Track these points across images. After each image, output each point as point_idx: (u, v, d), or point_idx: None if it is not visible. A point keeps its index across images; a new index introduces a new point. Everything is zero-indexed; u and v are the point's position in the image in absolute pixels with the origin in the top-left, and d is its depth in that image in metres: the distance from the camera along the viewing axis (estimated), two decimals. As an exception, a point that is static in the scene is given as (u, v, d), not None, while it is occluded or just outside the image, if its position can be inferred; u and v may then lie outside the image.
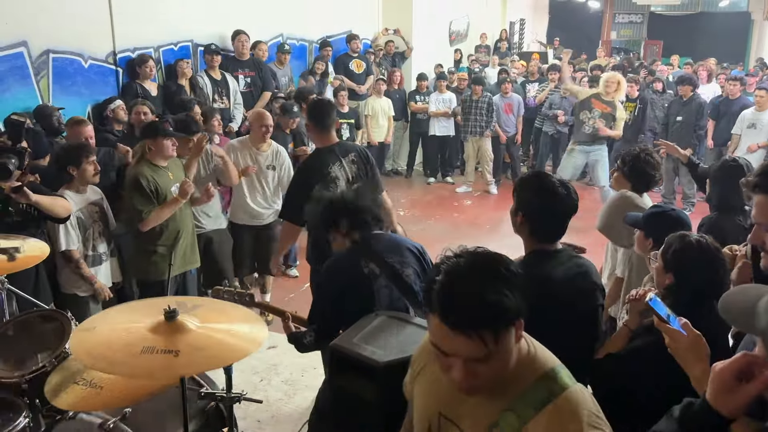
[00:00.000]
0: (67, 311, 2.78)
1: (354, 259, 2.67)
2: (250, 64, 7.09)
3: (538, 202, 2.21)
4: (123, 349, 1.90)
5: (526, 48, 16.43)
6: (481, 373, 1.33)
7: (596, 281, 2.32)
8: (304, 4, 8.49)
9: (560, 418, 1.35)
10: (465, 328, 1.28)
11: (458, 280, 1.31)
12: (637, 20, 21.19)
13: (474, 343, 1.28)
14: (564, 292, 2.14)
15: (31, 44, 5.04)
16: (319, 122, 3.73)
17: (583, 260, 2.34)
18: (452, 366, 1.33)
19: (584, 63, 13.07)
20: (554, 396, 1.37)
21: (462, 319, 1.28)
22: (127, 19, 5.84)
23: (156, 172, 3.93)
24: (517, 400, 1.38)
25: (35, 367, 2.49)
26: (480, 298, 1.28)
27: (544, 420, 1.35)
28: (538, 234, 2.24)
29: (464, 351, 1.30)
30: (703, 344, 1.62)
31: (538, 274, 2.14)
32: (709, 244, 2.16)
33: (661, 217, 2.60)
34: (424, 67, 10.41)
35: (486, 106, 8.90)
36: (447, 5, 11.88)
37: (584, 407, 1.37)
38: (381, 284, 2.61)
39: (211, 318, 2.12)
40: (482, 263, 1.35)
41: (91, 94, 5.58)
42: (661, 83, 9.26)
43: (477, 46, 13.41)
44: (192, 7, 6.61)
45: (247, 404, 2.53)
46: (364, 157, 3.84)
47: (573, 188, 2.26)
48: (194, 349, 1.91)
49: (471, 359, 1.31)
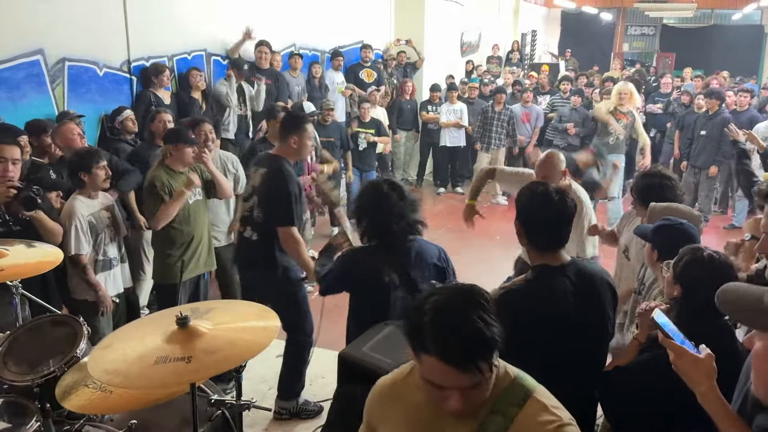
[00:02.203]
0: (79, 316, 2.81)
1: (376, 264, 2.68)
2: (268, 73, 7.17)
3: (533, 209, 2.25)
4: (137, 361, 1.91)
5: (538, 59, 16.44)
6: (474, 398, 1.42)
7: (604, 291, 2.28)
8: (316, 15, 8.56)
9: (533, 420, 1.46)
10: (467, 365, 1.35)
11: (448, 318, 1.38)
12: (650, 32, 21.16)
13: (472, 375, 1.37)
14: (569, 310, 2.13)
15: (47, 52, 5.11)
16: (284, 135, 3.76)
17: (591, 269, 2.33)
18: (448, 397, 1.40)
19: (597, 75, 13.05)
20: (521, 405, 1.48)
21: (464, 357, 1.35)
22: (141, 27, 5.91)
23: (172, 177, 4.00)
24: (491, 415, 1.47)
25: (47, 371, 2.52)
26: (478, 332, 1.36)
27: (517, 427, 1.45)
28: (535, 241, 2.26)
29: (463, 383, 1.38)
30: (712, 365, 1.62)
31: (542, 294, 2.15)
32: (722, 260, 2.15)
33: (669, 230, 2.59)
34: (435, 78, 10.45)
35: (507, 119, 8.93)
36: (459, 16, 11.93)
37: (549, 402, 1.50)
38: (398, 295, 2.63)
39: (224, 319, 2.14)
40: (463, 298, 1.42)
41: (105, 102, 5.64)
42: (689, 96, 9.15)
43: (489, 57, 13.45)
44: (205, 16, 6.69)
45: (255, 412, 2.54)
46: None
47: (568, 196, 2.27)
48: (206, 353, 1.92)
49: (468, 388, 1.39)
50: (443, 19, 11.11)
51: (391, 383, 1.67)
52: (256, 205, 3.67)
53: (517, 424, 1.45)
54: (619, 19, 20.50)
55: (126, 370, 1.89)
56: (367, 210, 2.72)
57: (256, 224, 3.69)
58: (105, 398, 2.25)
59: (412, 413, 1.56)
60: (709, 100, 8.03)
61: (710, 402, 1.58)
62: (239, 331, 2.07)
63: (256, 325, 2.11)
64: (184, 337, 1.98)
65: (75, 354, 2.56)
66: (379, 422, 1.66)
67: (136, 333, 2.16)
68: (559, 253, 2.25)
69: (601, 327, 2.25)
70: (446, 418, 1.47)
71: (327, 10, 8.77)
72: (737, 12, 18.88)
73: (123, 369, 1.89)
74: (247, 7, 7.20)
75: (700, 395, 1.61)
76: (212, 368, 1.91)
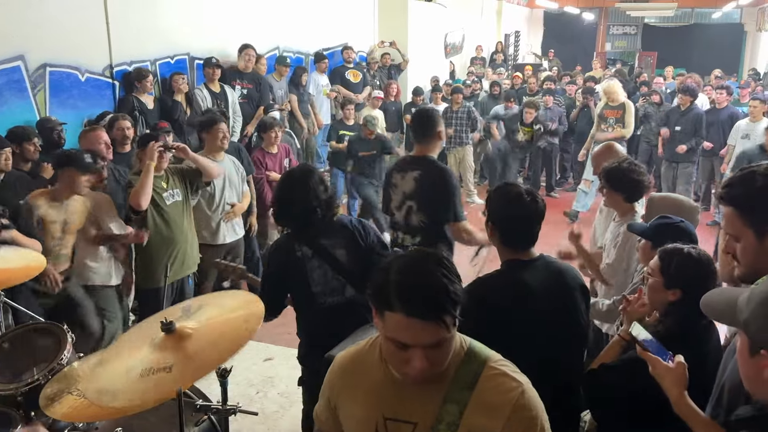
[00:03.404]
0: (63, 324, 2.79)
1: (289, 243, 2.78)
2: (249, 76, 7.15)
3: (504, 209, 2.31)
4: (124, 375, 1.90)
5: (521, 60, 16.54)
6: (436, 359, 1.43)
7: (573, 283, 2.32)
8: (300, 18, 8.56)
9: (494, 388, 1.48)
10: (432, 316, 1.36)
11: (413, 274, 1.41)
12: (632, 32, 21.36)
13: (438, 329, 1.38)
14: (540, 299, 2.17)
15: (28, 58, 5.07)
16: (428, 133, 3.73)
17: (559, 265, 2.37)
18: (411, 357, 1.40)
19: (579, 74, 13.16)
20: (479, 373, 1.50)
21: (429, 308, 1.36)
22: (123, 32, 5.87)
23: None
24: (452, 387, 1.49)
25: (31, 379, 2.50)
26: (442, 286, 1.38)
27: (479, 397, 1.47)
28: (508, 241, 2.32)
29: (428, 338, 1.38)
30: (683, 374, 1.75)
31: (514, 283, 2.21)
32: (705, 254, 2.18)
33: (671, 228, 2.55)
34: (419, 79, 10.47)
35: (466, 115, 8.94)
36: (442, 18, 11.98)
37: (508, 368, 1.53)
38: (314, 265, 2.74)
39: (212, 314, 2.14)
40: (426, 258, 1.46)
41: (87, 107, 5.61)
42: (659, 96, 9.30)
43: (472, 58, 13.51)
44: (188, 20, 6.66)
45: (242, 417, 2.53)
46: None
47: (539, 196, 2.33)
48: (188, 359, 1.90)
49: (431, 346, 1.40)
50: (427, 20, 11.15)
51: (351, 359, 1.68)
52: (414, 210, 3.60)
53: (480, 393, 1.47)
54: (601, 18, 20.68)
55: (113, 387, 1.87)
56: (282, 196, 2.80)
57: (417, 229, 3.61)
58: (89, 406, 2.22)
59: (374, 388, 1.57)
60: (683, 96, 8.21)
61: (681, 407, 1.70)
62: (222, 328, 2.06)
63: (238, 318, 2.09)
64: (171, 342, 1.97)
65: (59, 362, 2.54)
66: (340, 398, 1.66)
67: (126, 345, 2.15)
68: (530, 250, 2.31)
69: (572, 318, 2.28)
70: (409, 393, 1.50)
71: (311, 13, 8.78)
72: (717, 11, 19.10)
73: (109, 386, 1.88)
74: (231, 11, 7.19)
75: (673, 401, 1.72)
76: (194, 374, 1.90)
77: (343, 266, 2.75)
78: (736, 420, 1.29)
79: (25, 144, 4.40)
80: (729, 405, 1.46)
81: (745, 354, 1.25)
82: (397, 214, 3.69)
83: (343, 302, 2.74)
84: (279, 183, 2.89)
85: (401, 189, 3.64)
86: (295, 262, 2.74)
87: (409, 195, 3.60)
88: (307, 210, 2.71)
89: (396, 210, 3.70)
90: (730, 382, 1.50)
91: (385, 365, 1.55)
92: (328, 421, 1.72)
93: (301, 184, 2.71)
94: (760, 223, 1.54)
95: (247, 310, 2.17)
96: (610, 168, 3.33)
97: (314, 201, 2.71)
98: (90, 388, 1.94)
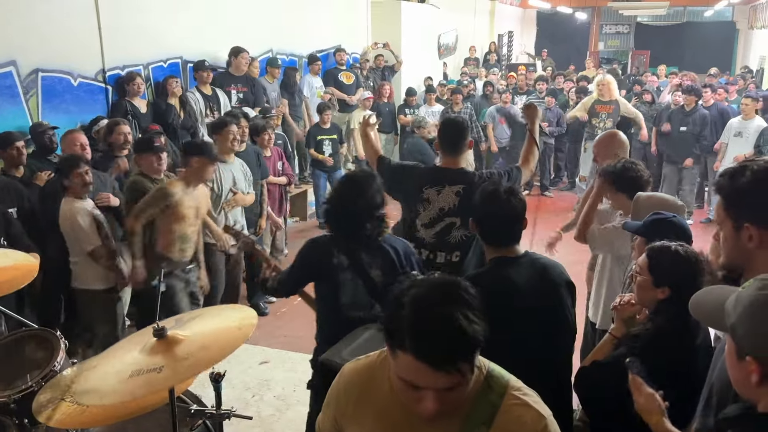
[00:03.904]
0: (56, 330, 2.78)
1: (328, 247, 2.72)
2: (242, 79, 7.14)
3: (481, 207, 2.41)
4: (114, 376, 1.89)
5: (515, 60, 16.58)
6: (451, 400, 1.31)
7: (559, 280, 2.35)
8: (293, 20, 8.55)
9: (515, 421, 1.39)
10: (444, 365, 1.25)
11: (429, 314, 1.27)
12: (624, 31, 21.44)
13: (450, 376, 1.26)
14: (526, 296, 2.21)
15: (19, 63, 5.05)
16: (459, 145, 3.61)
17: (544, 261, 2.40)
18: (423, 398, 1.29)
19: (573, 74, 13.19)
20: (498, 405, 1.40)
21: (442, 356, 1.25)
22: (116, 36, 5.86)
23: (154, 183, 4.13)
24: (468, 421, 1.38)
25: (24, 386, 2.49)
26: (459, 331, 1.25)
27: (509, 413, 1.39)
28: (488, 238, 2.40)
29: (441, 384, 1.27)
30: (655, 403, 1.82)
31: (500, 280, 2.25)
32: (693, 251, 2.19)
33: (666, 224, 2.53)
34: (413, 81, 10.48)
35: (467, 117, 8.95)
36: (435, 19, 11.99)
37: (530, 398, 1.43)
38: (347, 277, 2.67)
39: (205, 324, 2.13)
40: (444, 291, 1.31)
41: (80, 112, 5.58)
42: (650, 94, 9.33)
43: (466, 58, 13.52)
44: (181, 23, 6.64)
45: (238, 421, 2.53)
46: None
47: (518, 195, 2.39)
48: (178, 360, 1.90)
49: (444, 389, 1.28)
50: (420, 21, 11.15)
51: (360, 372, 1.56)
52: (456, 227, 3.32)
53: (499, 427, 1.37)
54: (594, 18, 20.73)
55: (101, 387, 1.87)
56: (339, 198, 2.74)
57: (456, 245, 3.35)
58: (83, 412, 2.22)
59: (384, 411, 1.45)
60: (687, 97, 8.17)
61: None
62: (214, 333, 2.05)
63: (231, 324, 2.09)
64: (163, 347, 1.96)
65: (52, 368, 2.54)
66: (346, 418, 1.55)
67: (118, 352, 2.15)
68: (515, 247, 2.37)
69: (559, 314, 2.30)
70: (422, 423, 1.37)
71: (304, 16, 8.77)
72: (709, 9, 19.19)
73: (99, 386, 1.88)
74: (223, 14, 7.17)
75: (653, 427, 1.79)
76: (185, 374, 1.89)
77: (376, 287, 2.65)
78: (723, 419, 1.29)
79: (9, 150, 4.34)
80: (718, 405, 1.46)
81: (733, 357, 1.25)
82: (426, 231, 3.38)
83: (369, 317, 2.63)
84: (339, 183, 2.81)
85: (437, 205, 3.35)
86: (329, 268, 2.67)
87: (450, 211, 3.32)
88: (358, 218, 2.64)
89: (425, 227, 3.38)
90: (719, 381, 1.50)
91: (397, 389, 1.40)
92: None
93: (361, 190, 2.63)
94: (737, 217, 1.56)
95: (241, 315, 2.17)
96: (608, 171, 3.34)
97: (367, 211, 2.65)
98: (78, 389, 1.94)
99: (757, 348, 1.19)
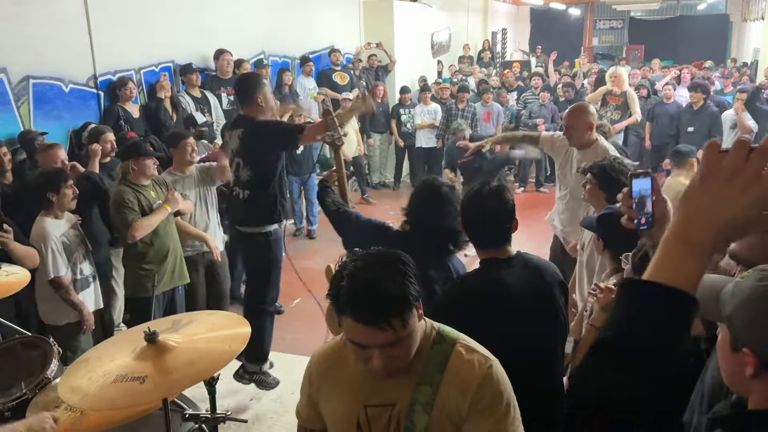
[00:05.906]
0: (49, 337, 2.76)
1: (394, 246, 2.67)
2: (232, 82, 7.09)
3: (465, 208, 2.39)
4: (100, 378, 1.88)
5: (509, 57, 16.57)
6: (397, 356, 1.50)
7: (551, 279, 2.33)
8: (285, 21, 8.54)
9: (464, 364, 1.57)
10: (377, 322, 1.43)
11: (360, 281, 1.46)
12: (618, 26, 21.42)
13: (387, 333, 1.44)
14: (518, 297, 2.18)
15: (10, 70, 5.03)
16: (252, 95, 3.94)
17: (536, 262, 2.37)
18: (371, 356, 1.49)
19: (567, 69, 13.18)
20: (449, 353, 1.58)
21: (372, 315, 1.43)
22: (107, 42, 5.84)
23: (138, 191, 3.99)
24: (425, 369, 1.57)
25: (18, 394, 2.47)
26: (384, 294, 1.44)
27: (451, 376, 1.55)
28: (476, 239, 2.36)
29: (380, 341, 1.45)
30: None
31: (491, 281, 2.23)
32: None
33: (612, 217, 2.49)
34: (407, 80, 10.46)
35: (471, 116, 8.96)
36: (428, 17, 11.97)
37: (478, 346, 1.61)
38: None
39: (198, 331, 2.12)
40: (377, 261, 1.52)
41: (72, 118, 5.57)
42: (646, 89, 9.28)
43: (460, 57, 13.51)
44: (172, 27, 6.63)
45: (236, 424, 2.52)
46: None
47: (506, 194, 2.33)
48: (163, 374, 1.88)
49: (386, 346, 1.46)
50: (412, 20, 11.14)
51: (327, 353, 1.72)
52: (241, 166, 3.85)
53: (452, 372, 1.55)
54: (588, 13, 20.73)
55: (85, 388, 1.86)
56: (427, 205, 2.67)
57: (244, 182, 3.86)
58: (76, 419, 2.21)
59: (353, 380, 1.62)
60: (695, 94, 7.76)
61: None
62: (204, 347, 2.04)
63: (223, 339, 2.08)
64: (152, 353, 1.95)
65: (46, 376, 2.52)
66: (320, 394, 1.70)
67: (111, 349, 2.14)
68: (505, 248, 2.31)
69: (551, 314, 2.28)
70: (386, 382, 1.56)
71: (295, 17, 8.75)
72: (702, 2, 19.19)
73: (83, 386, 1.86)
74: (215, 17, 7.16)
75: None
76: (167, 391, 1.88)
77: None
78: (713, 418, 1.27)
79: None
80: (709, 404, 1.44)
81: (727, 349, 1.23)
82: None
83: None
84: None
85: (230, 147, 3.93)
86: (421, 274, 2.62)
87: (237, 152, 3.86)
88: (454, 232, 2.54)
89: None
90: (711, 379, 1.49)
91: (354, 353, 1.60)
92: (311, 418, 1.75)
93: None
94: None
95: (233, 331, 2.15)
96: (602, 165, 3.32)
97: (461, 226, 2.45)
98: (65, 384, 1.93)
99: (755, 340, 1.17)
